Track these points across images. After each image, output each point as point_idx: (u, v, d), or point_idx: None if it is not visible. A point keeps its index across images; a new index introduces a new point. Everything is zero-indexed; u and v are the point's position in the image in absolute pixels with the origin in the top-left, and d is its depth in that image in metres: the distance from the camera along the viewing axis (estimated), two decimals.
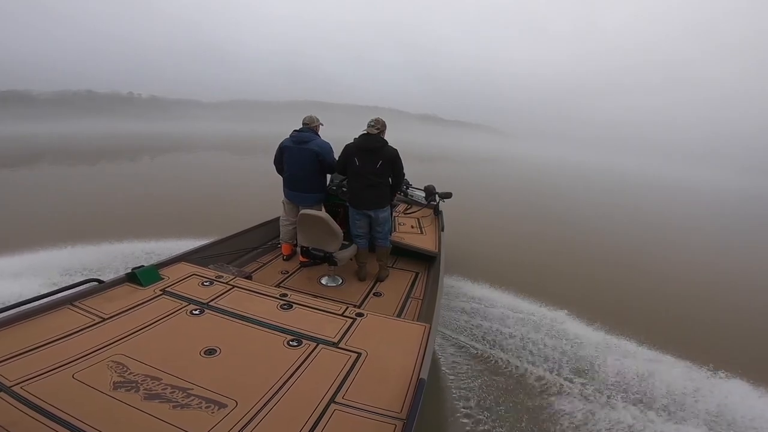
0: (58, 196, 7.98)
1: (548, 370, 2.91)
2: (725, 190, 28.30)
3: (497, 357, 3.06)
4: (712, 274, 6.55)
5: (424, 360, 1.78)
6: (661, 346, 3.35)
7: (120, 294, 2.17)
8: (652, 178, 29.77)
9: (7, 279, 3.46)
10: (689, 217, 13.56)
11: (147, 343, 1.79)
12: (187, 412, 1.40)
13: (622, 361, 3.03)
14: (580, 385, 2.77)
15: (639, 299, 4.86)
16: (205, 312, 2.10)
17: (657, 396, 2.70)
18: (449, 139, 73.00)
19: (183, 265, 2.65)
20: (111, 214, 6.66)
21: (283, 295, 2.36)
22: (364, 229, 3.18)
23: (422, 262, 3.67)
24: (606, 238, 8.18)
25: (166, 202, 7.91)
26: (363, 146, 2.97)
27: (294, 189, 3.35)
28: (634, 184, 23.14)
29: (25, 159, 14.49)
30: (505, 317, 3.59)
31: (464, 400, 2.60)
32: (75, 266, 3.89)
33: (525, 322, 3.53)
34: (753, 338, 4.10)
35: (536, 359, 3.03)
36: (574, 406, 2.58)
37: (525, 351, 3.12)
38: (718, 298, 5.29)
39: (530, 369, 2.93)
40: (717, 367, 3.06)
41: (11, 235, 5.00)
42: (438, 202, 4.88)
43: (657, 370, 2.93)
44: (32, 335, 1.72)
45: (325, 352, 1.84)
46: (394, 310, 2.83)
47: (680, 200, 18.78)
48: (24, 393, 1.40)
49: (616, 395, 2.70)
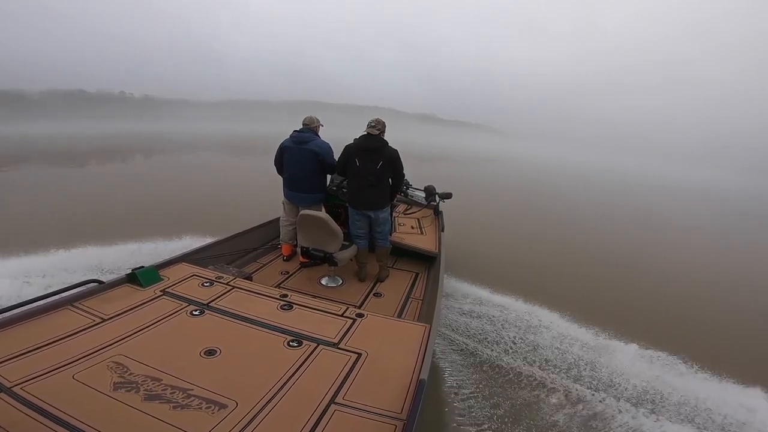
0: (45, 199, 7.73)
1: (548, 372, 2.90)
2: (725, 189, 28.29)
3: (497, 358, 3.05)
4: (712, 275, 6.55)
5: (425, 360, 1.78)
6: (662, 346, 3.32)
7: (120, 295, 2.17)
8: (652, 178, 29.72)
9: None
10: (689, 217, 13.58)
11: (147, 343, 1.79)
12: (187, 412, 1.40)
13: (621, 363, 3.02)
14: (580, 387, 2.76)
15: (639, 299, 4.85)
16: (205, 312, 2.10)
17: (669, 402, 2.64)
18: (448, 139, 72.16)
19: (183, 265, 2.65)
20: (108, 214, 6.58)
21: (283, 296, 2.36)
22: (364, 230, 3.18)
23: (422, 263, 3.67)
24: (606, 239, 8.19)
25: (164, 202, 7.83)
26: (363, 147, 2.97)
27: (294, 189, 3.35)
28: (634, 184, 23.16)
29: (10, 160, 13.92)
30: (505, 319, 3.58)
31: (464, 401, 2.59)
32: (55, 269, 3.66)
33: (524, 323, 3.52)
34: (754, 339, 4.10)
35: (536, 361, 3.02)
36: (575, 409, 2.57)
37: (525, 353, 3.11)
38: (722, 299, 5.27)
39: (530, 370, 2.92)
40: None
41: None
42: (438, 202, 4.89)
43: (663, 375, 2.90)
44: (32, 336, 1.72)
45: (325, 352, 1.85)
46: (394, 310, 2.83)
47: (681, 200, 18.79)
48: (24, 393, 1.40)
49: (616, 395, 2.68)
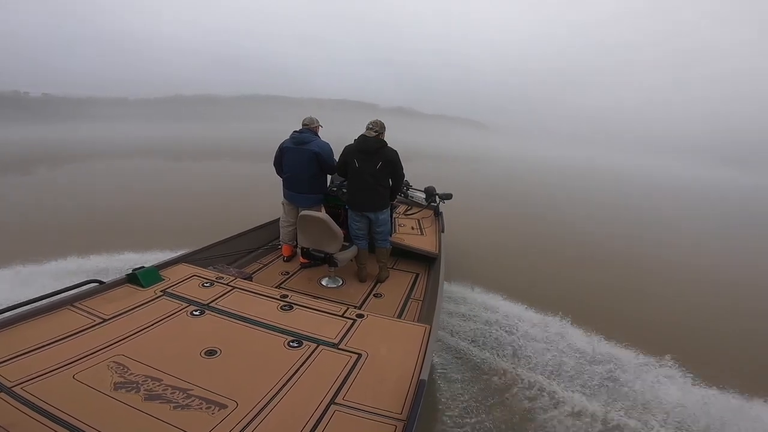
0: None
1: (546, 376, 2.88)
2: (726, 188, 28.10)
3: (496, 361, 3.03)
4: (716, 275, 6.50)
5: (425, 361, 1.78)
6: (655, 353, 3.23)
7: (120, 295, 2.17)
8: (663, 179, 29.21)
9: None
10: (689, 217, 13.53)
11: (147, 343, 1.79)
12: (187, 412, 1.40)
13: (620, 369, 2.98)
14: (576, 393, 2.72)
15: (641, 302, 4.80)
16: (205, 313, 2.10)
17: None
18: (428, 135, 66.01)
19: (183, 266, 2.66)
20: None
21: (283, 296, 2.36)
22: (363, 231, 3.18)
23: (422, 264, 3.67)
24: (607, 239, 8.14)
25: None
26: (362, 148, 2.97)
27: (294, 190, 3.35)
28: (638, 185, 22.94)
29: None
30: (505, 321, 3.57)
31: (464, 401, 2.59)
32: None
33: (523, 325, 3.51)
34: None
35: (536, 365, 3.00)
36: (574, 415, 2.54)
37: (526, 356, 3.10)
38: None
39: (528, 375, 2.90)
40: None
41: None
42: (438, 203, 4.89)
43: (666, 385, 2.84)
44: (33, 336, 1.72)
45: (325, 353, 1.85)
46: (394, 311, 2.83)
47: (686, 198, 18.54)
48: (24, 393, 1.40)
49: (615, 406, 2.63)
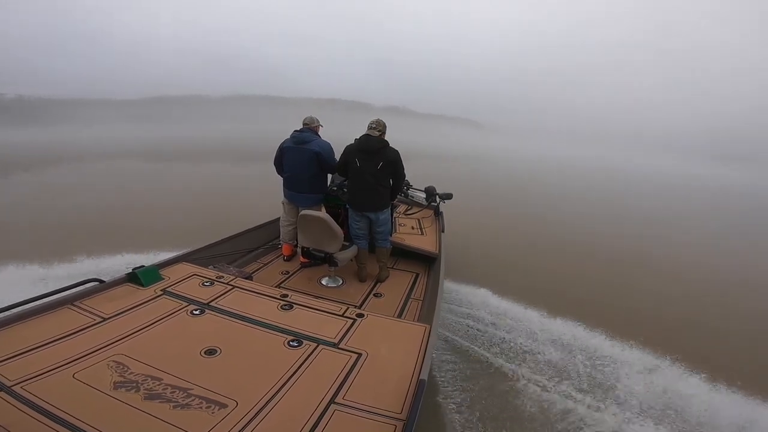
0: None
1: (546, 377, 2.89)
2: (725, 188, 28.06)
3: (496, 362, 3.04)
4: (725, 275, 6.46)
5: (425, 361, 1.78)
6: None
7: (120, 294, 2.17)
8: (667, 177, 28.98)
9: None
10: (689, 215, 13.51)
11: (147, 343, 1.79)
12: (187, 412, 1.40)
13: (621, 370, 2.98)
14: (579, 394, 2.73)
15: (644, 301, 4.80)
16: (205, 312, 2.10)
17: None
18: (425, 135, 65.33)
19: (183, 265, 2.66)
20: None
21: (283, 296, 2.36)
22: (364, 230, 3.18)
23: (422, 263, 3.67)
24: (607, 239, 8.14)
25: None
26: (364, 148, 2.97)
27: (294, 189, 3.35)
28: (637, 183, 22.91)
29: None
30: (504, 321, 3.57)
31: (463, 402, 2.59)
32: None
33: (523, 325, 3.51)
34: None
35: (537, 367, 3.00)
36: (576, 415, 2.54)
37: (526, 357, 3.10)
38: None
39: (528, 375, 2.91)
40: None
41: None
42: (438, 203, 4.89)
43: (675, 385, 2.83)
44: (33, 335, 1.72)
45: (325, 352, 1.85)
46: (394, 310, 2.83)
47: (686, 197, 18.51)
48: (24, 393, 1.40)
49: (610, 404, 2.63)
